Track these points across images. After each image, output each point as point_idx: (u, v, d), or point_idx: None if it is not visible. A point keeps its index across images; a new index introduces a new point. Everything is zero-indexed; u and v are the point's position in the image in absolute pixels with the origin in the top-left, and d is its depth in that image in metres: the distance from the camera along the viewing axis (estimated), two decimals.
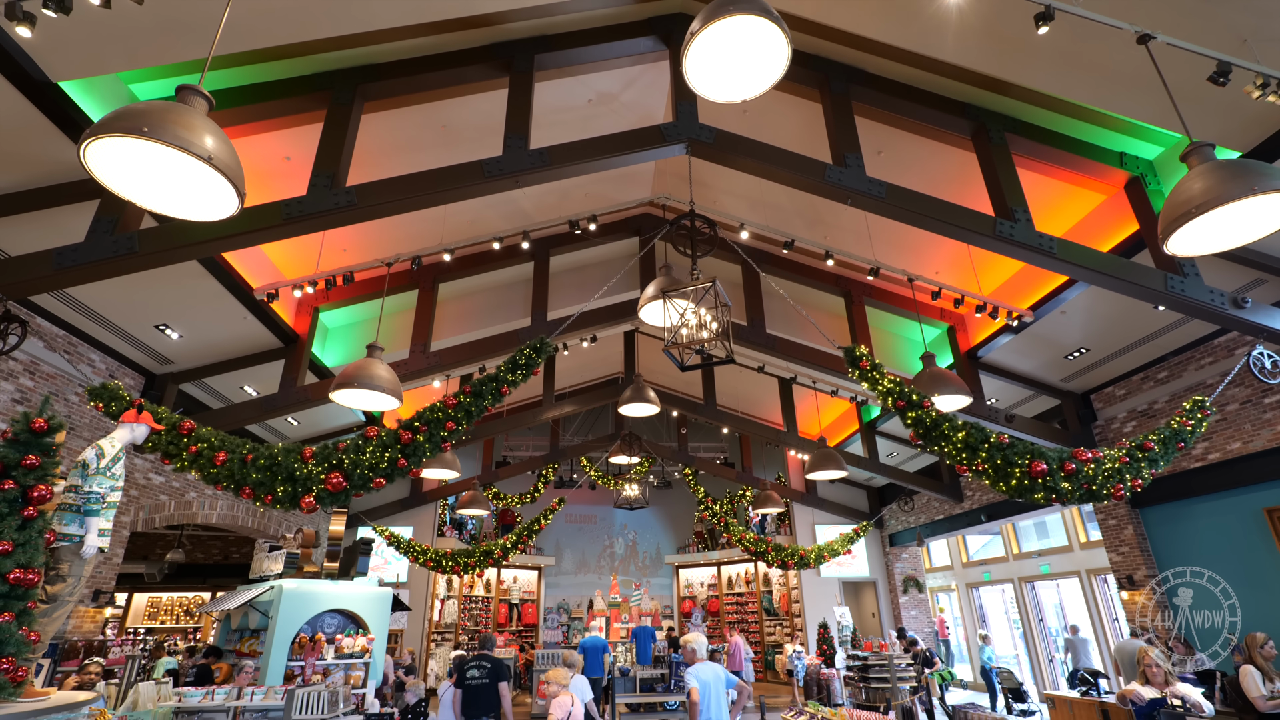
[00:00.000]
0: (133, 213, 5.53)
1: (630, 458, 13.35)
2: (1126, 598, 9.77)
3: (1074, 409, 10.51)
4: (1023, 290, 8.71)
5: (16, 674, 3.30)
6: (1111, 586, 11.76)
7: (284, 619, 7.35)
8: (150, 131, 2.72)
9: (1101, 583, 12.12)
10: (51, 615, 3.72)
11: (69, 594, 3.78)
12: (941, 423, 5.69)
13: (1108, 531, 10.21)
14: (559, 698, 5.16)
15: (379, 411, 12.01)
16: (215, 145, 2.91)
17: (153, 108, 2.81)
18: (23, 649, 3.34)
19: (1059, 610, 13.74)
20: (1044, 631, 13.67)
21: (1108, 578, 11.89)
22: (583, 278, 10.90)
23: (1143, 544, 9.69)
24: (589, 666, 10.28)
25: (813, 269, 10.11)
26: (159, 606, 17.05)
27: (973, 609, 15.94)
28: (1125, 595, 9.80)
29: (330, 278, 8.32)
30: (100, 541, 3.84)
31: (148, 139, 2.72)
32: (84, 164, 2.83)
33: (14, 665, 3.29)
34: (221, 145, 2.95)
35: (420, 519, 16.37)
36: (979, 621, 15.66)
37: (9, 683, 3.26)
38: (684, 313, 5.42)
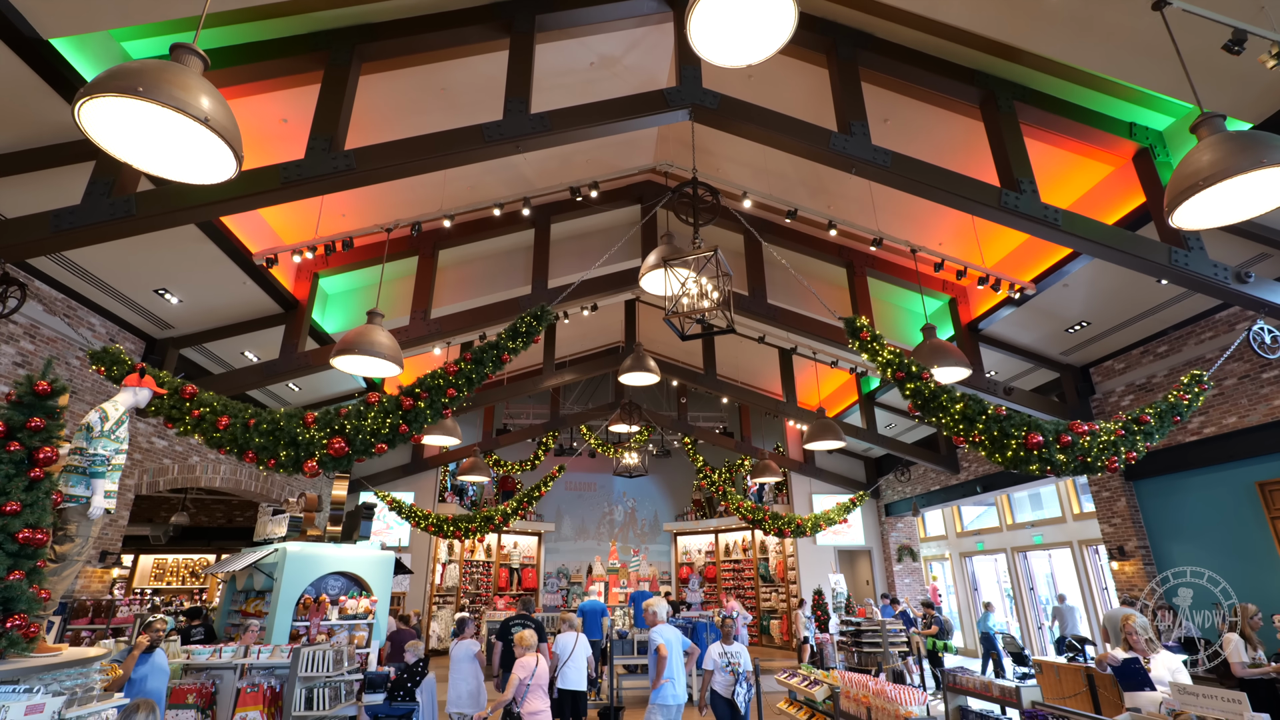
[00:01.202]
0: (129, 175, 5.48)
1: (630, 426, 13.45)
2: (1116, 568, 9.95)
3: (1073, 382, 10.55)
4: (1026, 262, 8.67)
5: (29, 630, 3.38)
6: (1102, 557, 11.95)
7: (288, 581, 7.50)
8: (145, 91, 2.69)
9: (1093, 553, 12.31)
10: (61, 574, 3.80)
11: (77, 554, 3.85)
12: (940, 394, 5.72)
13: (1101, 503, 10.33)
14: (523, 658, 5.54)
15: (380, 378, 12.05)
16: (212, 106, 2.87)
17: (147, 67, 2.77)
18: (34, 606, 3.42)
19: (1050, 580, 13.98)
20: (1034, 600, 13.93)
21: (1099, 548, 12.08)
22: (584, 245, 10.83)
23: (1135, 516, 9.82)
24: (588, 629, 10.51)
25: (815, 239, 10.05)
26: (165, 568, 17.35)
27: (966, 578, 16.21)
28: (1115, 565, 9.97)
29: (329, 243, 8.27)
30: (106, 503, 3.90)
31: (143, 99, 2.69)
32: (79, 124, 2.79)
33: (26, 622, 3.37)
34: (218, 106, 2.91)
35: (422, 485, 16.56)
36: (971, 590, 15.95)
37: (21, 638, 3.35)
38: (685, 282, 5.40)
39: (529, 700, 5.39)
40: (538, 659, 5.57)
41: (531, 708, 5.39)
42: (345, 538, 8.91)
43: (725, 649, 6.04)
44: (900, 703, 4.73)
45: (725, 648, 6.06)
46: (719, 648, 6.06)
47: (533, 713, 5.37)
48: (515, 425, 17.91)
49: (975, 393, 7.82)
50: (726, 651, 6.02)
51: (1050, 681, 7.66)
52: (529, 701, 5.39)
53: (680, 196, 7.04)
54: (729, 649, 6.05)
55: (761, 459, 13.67)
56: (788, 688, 7.04)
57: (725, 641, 6.16)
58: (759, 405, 14.88)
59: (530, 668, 5.48)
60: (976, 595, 15.94)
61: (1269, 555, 8.05)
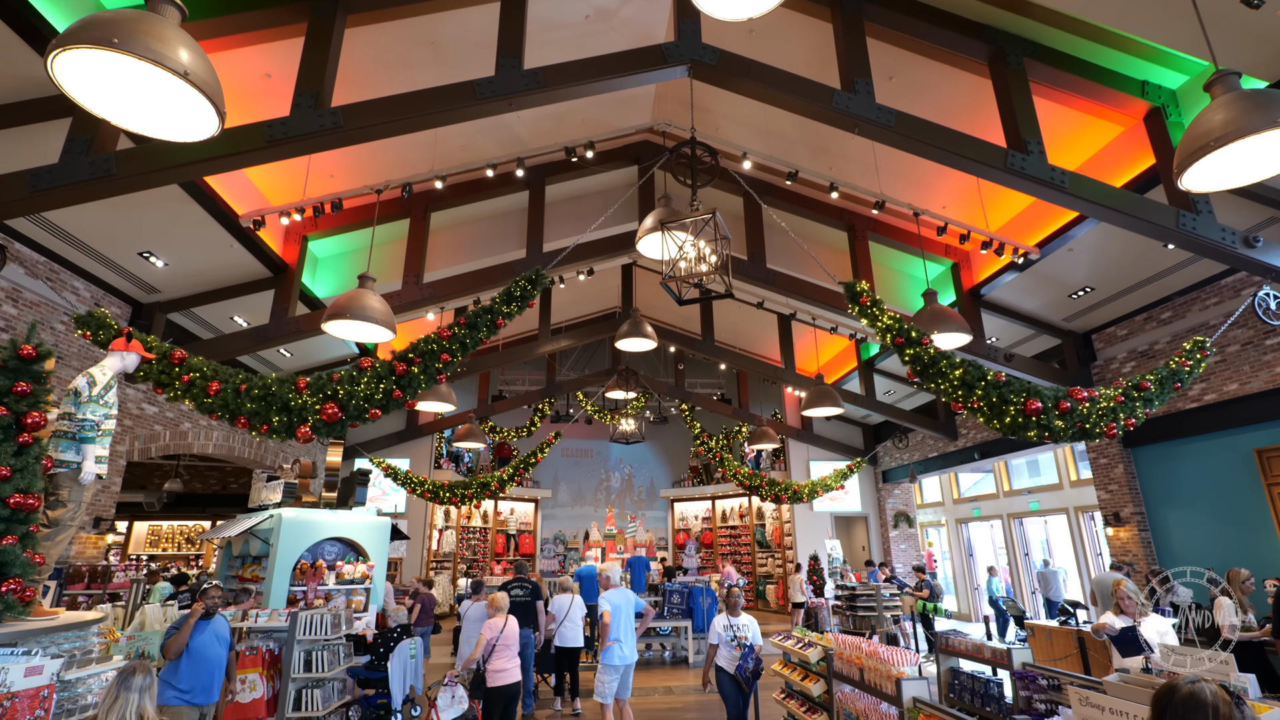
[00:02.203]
0: (108, 132, 5.37)
1: (627, 393, 13.50)
2: (1111, 533, 10.13)
3: (1074, 349, 10.59)
4: (1030, 227, 8.61)
5: (24, 594, 3.43)
6: (1098, 523, 12.16)
7: (284, 546, 7.59)
8: (121, 43, 2.61)
9: (1089, 519, 12.52)
10: (54, 539, 3.84)
11: (70, 519, 3.88)
12: (939, 360, 5.74)
13: (1098, 470, 10.47)
14: (492, 619, 5.89)
15: (372, 343, 12.05)
16: (191, 59, 2.79)
17: (122, 17, 2.69)
18: (28, 570, 3.46)
19: (1045, 546, 14.25)
20: (1029, 566, 14.22)
21: (1095, 514, 12.28)
22: (579, 208, 10.73)
23: (1131, 482, 9.96)
24: (585, 593, 10.72)
25: (816, 201, 9.96)
26: (160, 535, 17.56)
27: (961, 544, 16.51)
28: (1110, 531, 10.15)
29: (318, 205, 8.17)
30: (98, 469, 3.92)
31: (118, 51, 2.61)
32: (52, 78, 2.72)
33: (20, 586, 3.42)
34: (198, 60, 2.83)
35: (417, 451, 16.68)
36: (967, 556, 16.26)
37: (17, 602, 3.40)
38: (683, 245, 5.36)
39: (494, 659, 5.73)
40: (505, 620, 5.88)
41: (496, 666, 5.72)
42: (341, 504, 8.99)
43: (731, 621, 5.72)
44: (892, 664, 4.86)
45: (731, 619, 5.73)
46: (724, 620, 5.72)
47: (497, 670, 5.70)
48: (511, 391, 17.96)
49: (975, 359, 7.87)
50: (732, 624, 5.70)
51: (1042, 644, 7.86)
52: (494, 660, 5.73)
53: (678, 157, 6.94)
54: (735, 621, 5.74)
55: (759, 425, 13.77)
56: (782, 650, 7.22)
57: (731, 613, 5.78)
58: (757, 371, 14.92)
59: (498, 628, 5.81)
60: (972, 561, 16.26)
61: (1264, 522, 8.20)
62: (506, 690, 5.70)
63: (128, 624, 7.32)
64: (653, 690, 8.78)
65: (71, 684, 3.46)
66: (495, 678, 5.70)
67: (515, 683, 5.77)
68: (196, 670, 4.73)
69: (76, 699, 3.50)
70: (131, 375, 4.80)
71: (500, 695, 5.67)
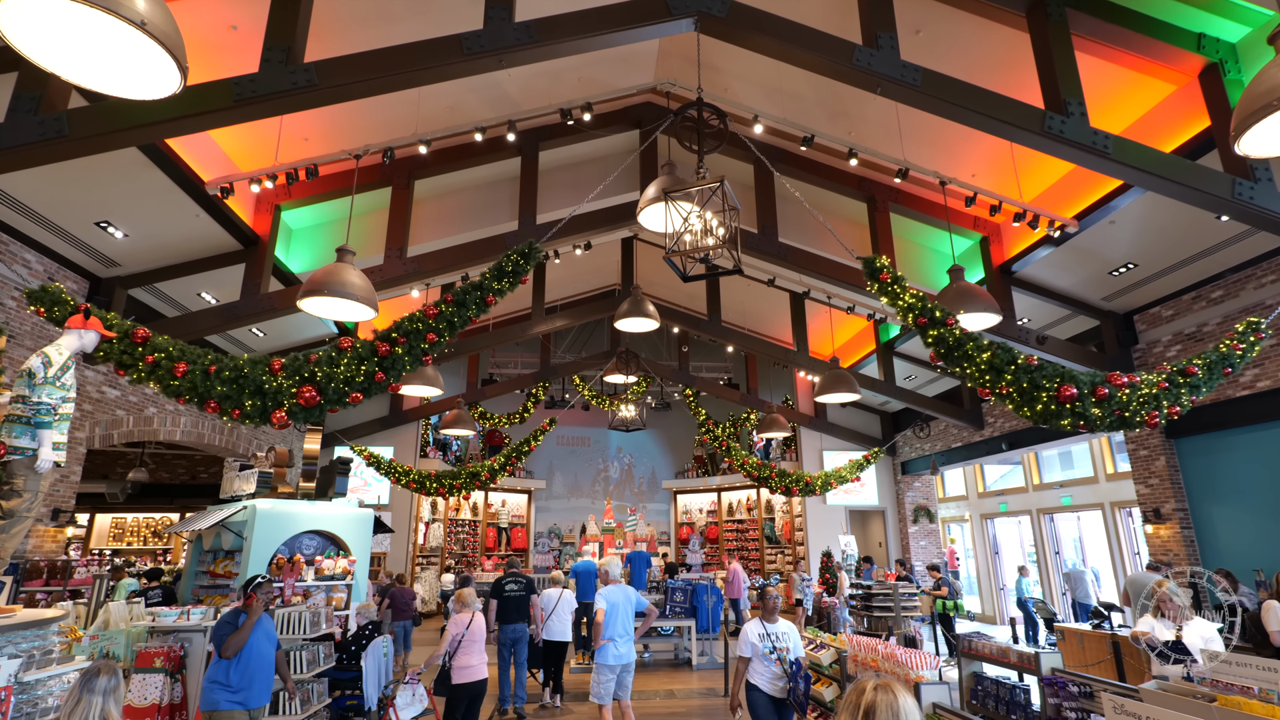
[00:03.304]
0: (58, 89, 5.30)
1: (627, 377, 13.48)
2: (1151, 531, 10.15)
3: (1114, 331, 10.54)
4: (1068, 197, 8.54)
5: None
6: (1136, 520, 12.19)
7: (259, 540, 7.62)
8: None
9: (1126, 516, 12.55)
10: (9, 531, 3.84)
11: (26, 510, 3.89)
12: (965, 342, 5.72)
13: (1138, 462, 10.47)
14: (458, 615, 6.18)
15: (353, 322, 12.03)
16: (148, 8, 2.74)
17: None
18: None
19: (1077, 544, 14.30)
20: (1060, 565, 14.28)
21: (1133, 511, 12.31)
22: (576, 176, 10.66)
23: (1174, 476, 9.96)
24: (582, 591, 10.81)
25: (833, 169, 9.88)
26: (124, 528, 17.66)
27: (986, 541, 16.58)
28: (1150, 529, 10.17)
29: (291, 171, 8.12)
30: (55, 455, 3.92)
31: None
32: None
33: None
34: (156, 8, 2.78)
35: (401, 439, 16.72)
36: (992, 554, 16.34)
37: None
38: (688, 216, 5.31)
39: (460, 654, 5.99)
40: (472, 616, 6.16)
41: (462, 662, 5.97)
42: (319, 495, 9.02)
43: (767, 629, 4.96)
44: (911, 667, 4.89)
45: (767, 627, 4.97)
46: (758, 628, 4.97)
47: (463, 666, 5.95)
48: (502, 375, 17.97)
49: (1005, 341, 7.83)
50: (770, 633, 4.94)
51: (1073, 649, 7.91)
52: (460, 656, 5.99)
53: (683, 120, 6.86)
54: (772, 628, 4.96)
55: (769, 412, 13.78)
56: None
57: (767, 618, 5.02)
58: (767, 354, 14.89)
59: (464, 624, 6.09)
60: (997, 560, 16.34)
61: None
62: (472, 687, 5.95)
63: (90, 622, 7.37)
64: (653, 694, 8.86)
65: (31, 686, 3.48)
66: (461, 674, 5.94)
67: (482, 680, 6.01)
68: (249, 670, 4.74)
69: (36, 702, 3.53)
70: (91, 355, 4.78)
71: (466, 692, 5.93)
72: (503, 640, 7.97)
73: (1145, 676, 4.72)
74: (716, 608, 11.16)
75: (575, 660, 10.42)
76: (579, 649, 10.61)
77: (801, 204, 9.09)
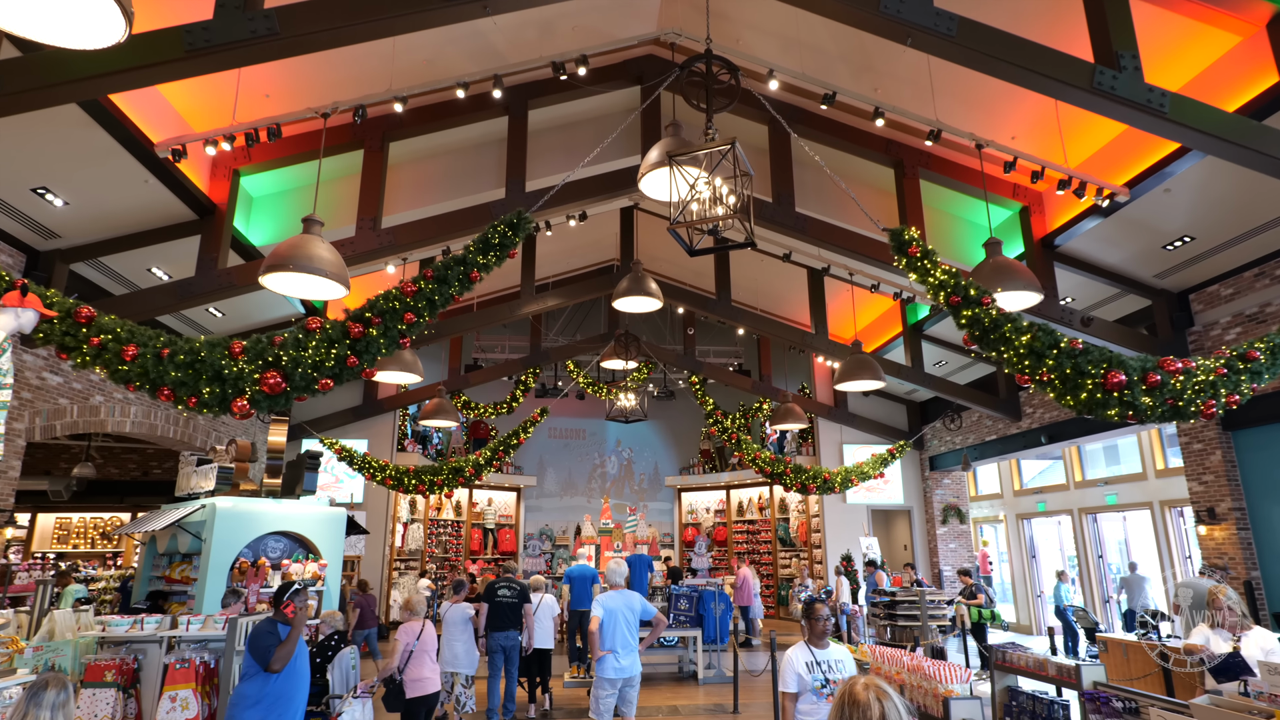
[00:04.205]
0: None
1: (626, 362, 13.48)
2: (1204, 533, 10.20)
3: (1166, 311, 10.53)
4: (1119, 162, 8.50)
5: None
6: (1188, 520, 12.25)
7: (219, 542, 7.66)
8: None
9: (1176, 516, 12.61)
10: None
11: None
12: (1003, 324, 5.71)
13: (1191, 457, 10.50)
14: (408, 624, 6.29)
15: (321, 301, 12.01)
16: None
17: None
18: None
19: (1122, 547, 14.38)
20: (1103, 569, 14.37)
21: (1184, 510, 12.36)
22: (570, 138, 10.60)
23: (1231, 472, 9.99)
24: (577, 598, 10.88)
25: (857, 131, 9.84)
26: (69, 529, 17.73)
27: (1022, 543, 16.67)
28: (1203, 530, 10.22)
29: (251, 131, 8.06)
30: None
31: None
32: None
33: None
34: None
35: (376, 431, 16.76)
36: (1029, 557, 16.43)
37: None
38: (695, 183, 5.28)
39: (412, 666, 6.09)
40: (423, 624, 6.26)
41: (415, 674, 6.08)
42: (286, 492, 9.07)
43: (815, 655, 4.25)
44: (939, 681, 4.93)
45: (815, 653, 4.26)
46: (803, 654, 4.25)
47: (416, 679, 6.05)
48: (488, 360, 17.97)
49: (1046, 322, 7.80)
50: (819, 660, 4.22)
51: (1117, 660, 7.97)
52: (412, 668, 6.09)
53: (690, 75, 6.81)
54: (822, 655, 4.26)
55: (783, 402, 13.78)
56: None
57: (814, 642, 4.32)
58: (782, 337, 14.88)
59: (414, 633, 6.19)
60: (1034, 564, 16.44)
61: None
62: (427, 700, 6.12)
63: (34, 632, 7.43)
64: (656, 710, 8.95)
65: None
66: (414, 687, 6.05)
67: (436, 692, 6.22)
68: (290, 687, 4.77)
69: None
70: (29, 337, 4.78)
71: (420, 705, 6.07)
72: (492, 647, 8.16)
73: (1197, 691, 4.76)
74: (725, 616, 11.24)
75: (569, 674, 10.50)
76: (573, 661, 10.70)
77: (821, 169, 9.04)
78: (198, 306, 9.94)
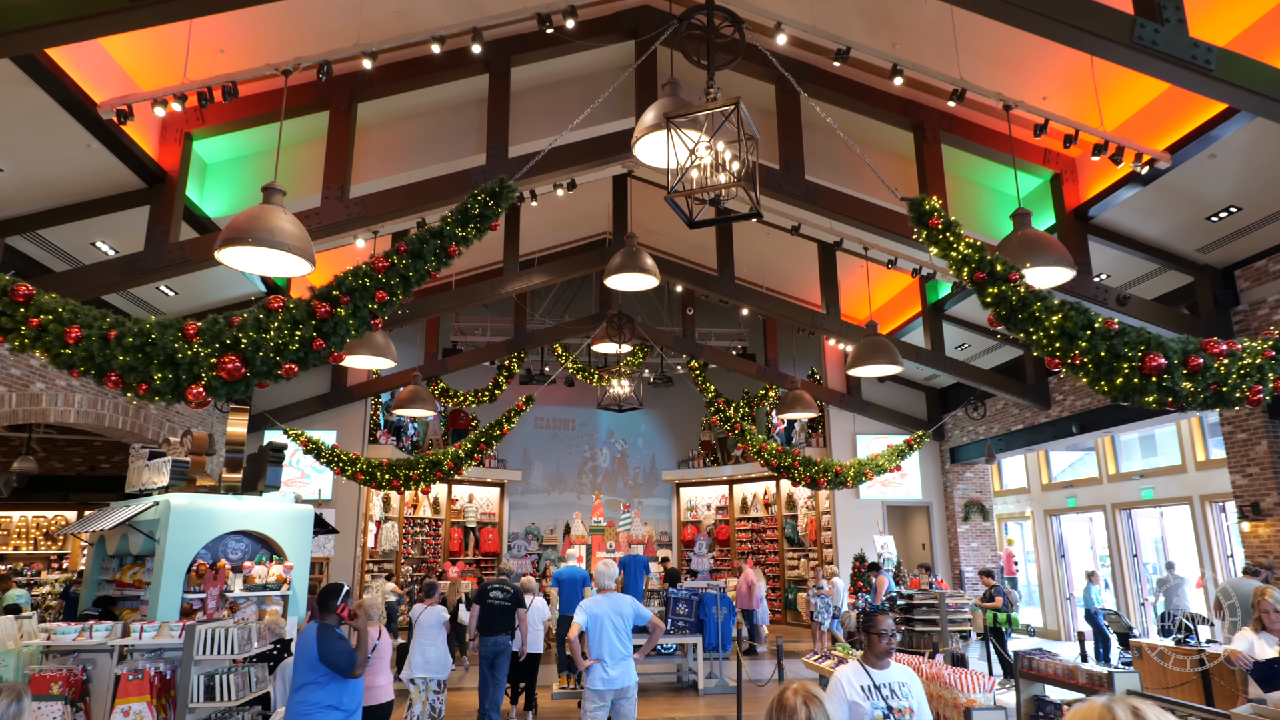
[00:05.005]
0: None
1: (619, 345, 13.46)
2: (1248, 529, 10.29)
3: (1210, 289, 10.57)
4: (1160, 125, 8.50)
5: None
6: (1230, 516, 12.35)
7: (175, 542, 7.68)
8: None
9: (1218, 511, 12.71)
10: None
11: None
12: (1032, 302, 5.72)
13: (1234, 448, 10.57)
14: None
15: (284, 278, 11.97)
16: None
17: None
18: None
19: (1158, 545, 14.51)
20: (1138, 570, 14.50)
21: (1226, 506, 12.46)
22: (557, 98, 10.57)
23: (1278, 464, 10.06)
24: (566, 602, 10.94)
25: (873, 91, 9.80)
26: (8, 528, 17.72)
27: (1050, 542, 16.81)
28: (1247, 527, 10.31)
29: (204, 91, 7.97)
30: None
31: None
32: None
33: None
34: None
35: (346, 421, 16.75)
36: (1057, 556, 16.57)
37: None
38: (695, 147, 5.26)
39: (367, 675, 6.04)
40: (380, 630, 6.23)
41: (370, 682, 6.06)
42: (247, 488, 9.08)
43: (873, 678, 3.75)
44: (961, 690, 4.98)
45: (874, 675, 3.77)
46: (860, 676, 3.76)
47: (371, 687, 6.05)
48: (468, 344, 17.94)
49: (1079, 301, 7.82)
50: (877, 685, 3.71)
51: (1151, 668, 8.07)
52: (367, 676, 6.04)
53: (689, 28, 6.77)
54: (882, 678, 3.76)
55: (791, 389, 13.81)
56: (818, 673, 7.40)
57: (873, 661, 3.84)
58: (790, 318, 14.89)
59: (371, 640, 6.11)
60: (1064, 563, 16.58)
61: None
62: (382, 710, 6.20)
63: None
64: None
65: None
66: (371, 694, 6.06)
67: (389, 702, 6.30)
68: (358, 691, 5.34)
69: None
70: None
71: (374, 716, 6.12)
72: (483, 653, 8.33)
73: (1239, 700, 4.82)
74: (728, 621, 11.32)
75: (559, 684, 10.59)
76: (563, 670, 10.78)
77: (834, 133, 9.00)
78: (147, 284, 9.89)
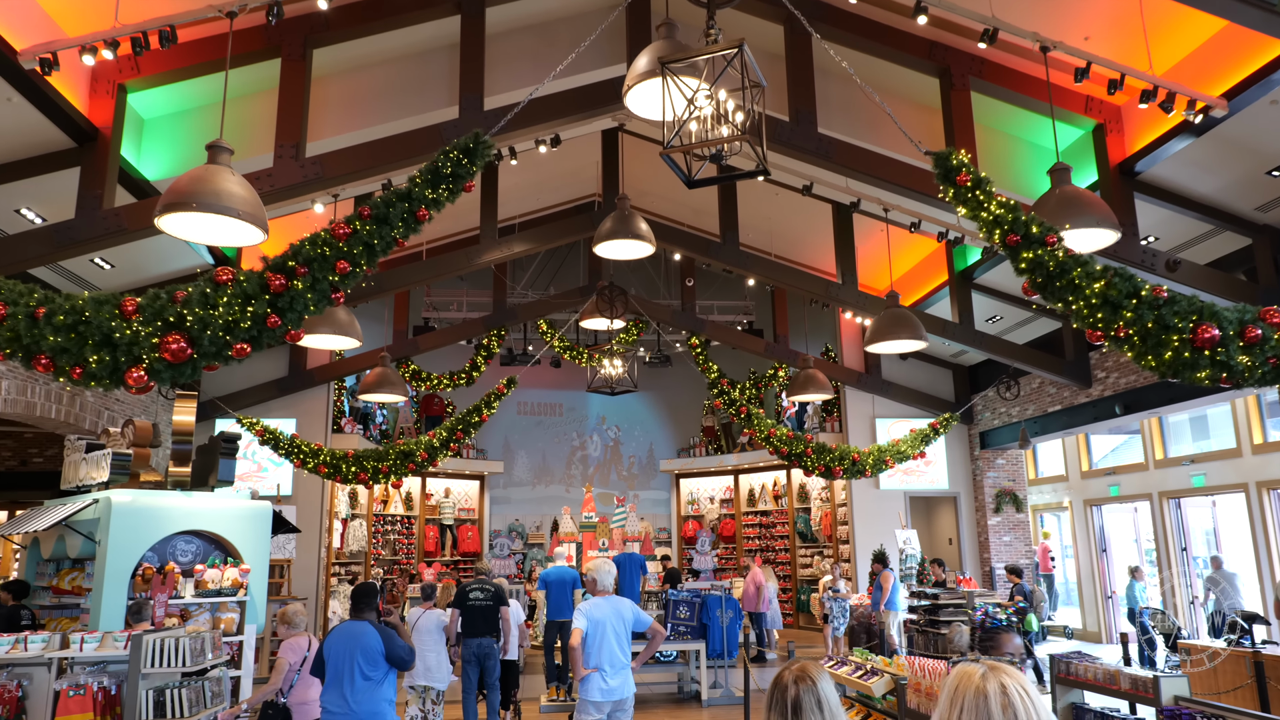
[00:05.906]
0: None
1: (611, 321, 13.46)
2: None
3: (1270, 252, 10.57)
4: (1215, 68, 8.46)
5: None
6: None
7: (117, 544, 7.69)
8: None
9: (1277, 500, 12.79)
10: None
11: None
12: (1072, 268, 5.72)
13: None
14: (292, 639, 6.35)
15: (234, 248, 11.90)
16: None
17: None
18: None
19: (1210, 537, 14.62)
20: (1187, 564, 14.61)
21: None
22: (539, 43, 10.52)
23: None
24: (555, 606, 11.00)
25: (894, 31, 9.75)
26: None
27: (1091, 534, 16.92)
28: None
29: (139, 35, 7.88)
30: None
31: None
32: None
33: None
34: None
35: (307, 407, 16.72)
36: (1098, 551, 16.68)
37: None
38: (694, 97, 5.22)
39: (300, 688, 6.21)
40: (309, 639, 6.33)
41: (302, 697, 6.21)
42: (197, 483, 9.09)
43: None
44: None
45: None
46: None
47: (303, 702, 6.19)
48: (441, 321, 17.90)
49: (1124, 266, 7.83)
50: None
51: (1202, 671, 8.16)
52: (300, 689, 6.21)
53: None
54: None
55: (803, 367, 13.83)
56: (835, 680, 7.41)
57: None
58: (801, 289, 14.88)
59: (301, 650, 6.24)
60: (1105, 558, 16.71)
61: None
62: None
63: None
64: None
65: None
66: (303, 711, 6.18)
67: None
68: None
69: None
70: None
71: None
72: (466, 657, 8.66)
73: None
74: (734, 625, 11.39)
75: (547, 696, 10.67)
76: (551, 681, 10.85)
77: (851, 80, 8.96)
78: (80, 256, 9.84)
